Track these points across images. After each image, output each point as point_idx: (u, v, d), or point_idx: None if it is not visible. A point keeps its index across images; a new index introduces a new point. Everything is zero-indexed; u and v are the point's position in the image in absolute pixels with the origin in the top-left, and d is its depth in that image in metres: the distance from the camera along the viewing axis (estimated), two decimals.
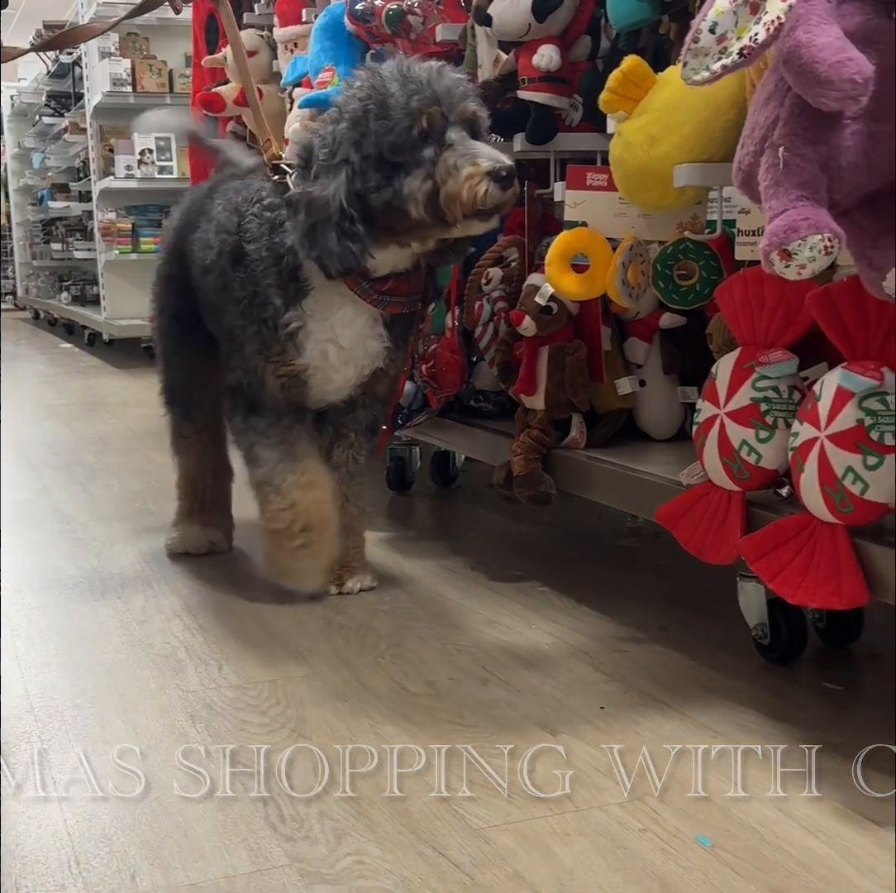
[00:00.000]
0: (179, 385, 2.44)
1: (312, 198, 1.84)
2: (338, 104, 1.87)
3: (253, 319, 1.99)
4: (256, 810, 1.36)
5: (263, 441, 2.05)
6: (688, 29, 1.32)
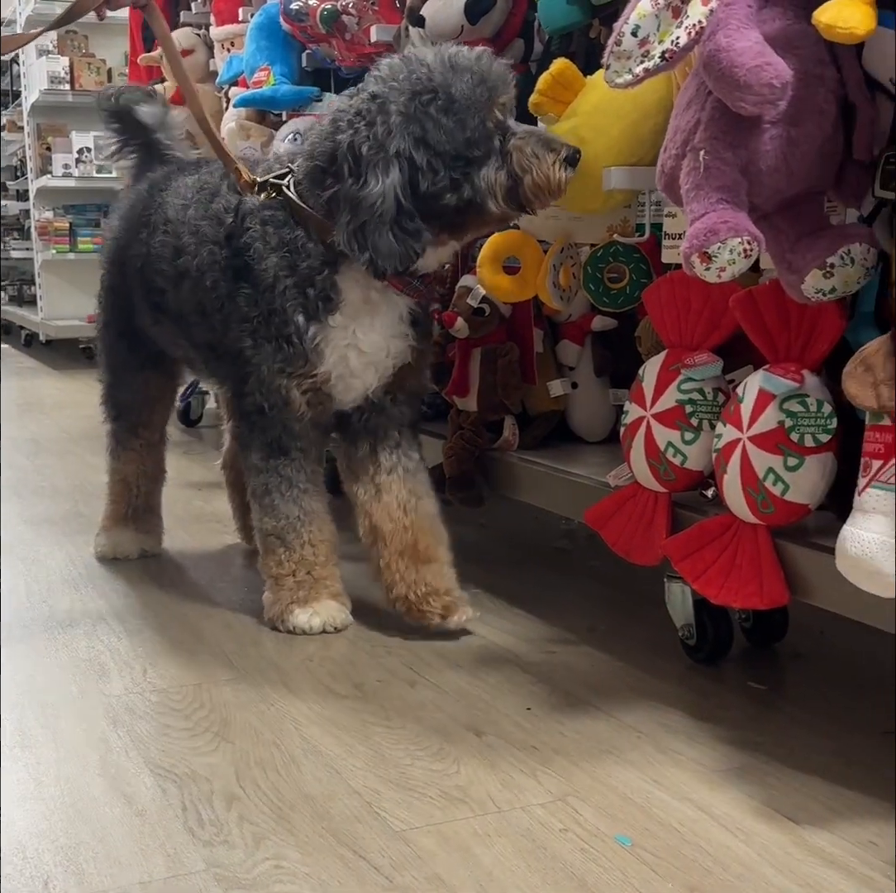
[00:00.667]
0: (127, 402, 2.36)
1: (361, 196, 1.70)
2: (377, 94, 1.72)
3: (269, 337, 1.85)
4: (175, 815, 1.34)
5: (284, 491, 1.92)
6: None
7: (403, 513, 1.94)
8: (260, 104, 2.94)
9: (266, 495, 1.93)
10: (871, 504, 1.19)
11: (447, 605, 1.91)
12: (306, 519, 1.93)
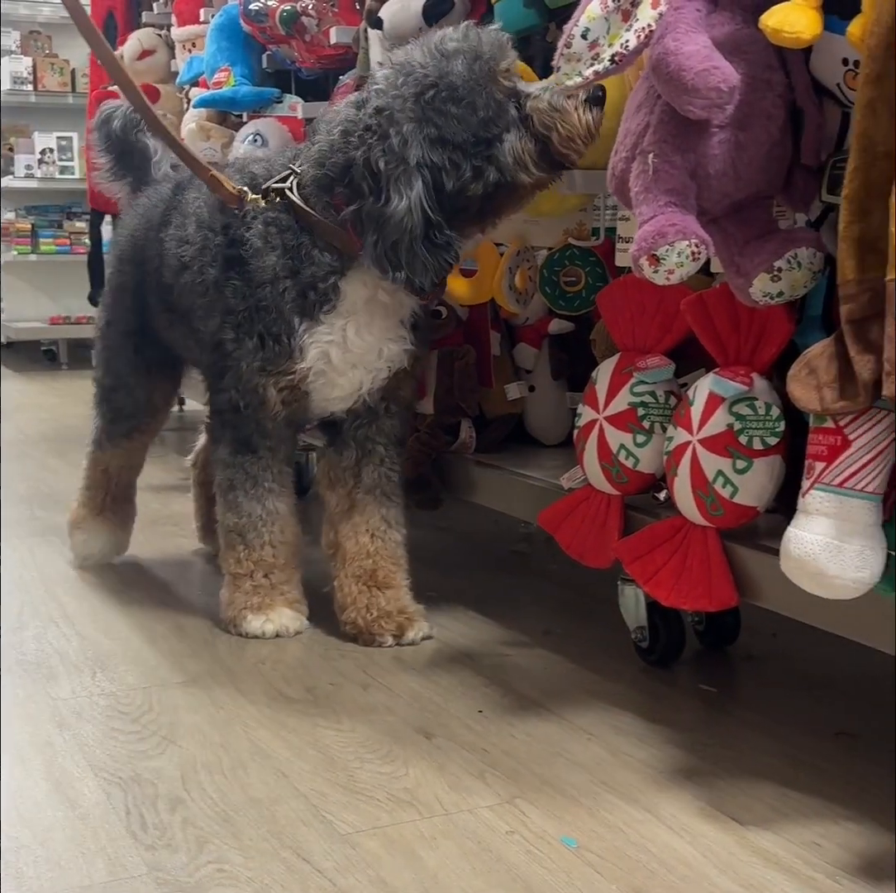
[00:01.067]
0: (128, 409, 2.28)
1: (387, 214, 1.64)
2: (382, 107, 1.67)
3: (252, 333, 1.81)
4: (118, 819, 1.32)
5: (248, 489, 1.89)
6: None
7: (370, 539, 1.92)
8: (220, 105, 2.92)
9: (231, 490, 1.91)
10: (814, 506, 1.19)
11: (400, 624, 1.90)
12: (269, 519, 1.90)
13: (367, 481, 1.93)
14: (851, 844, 1.26)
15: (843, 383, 1.16)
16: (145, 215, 2.18)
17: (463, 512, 2.66)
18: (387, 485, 1.94)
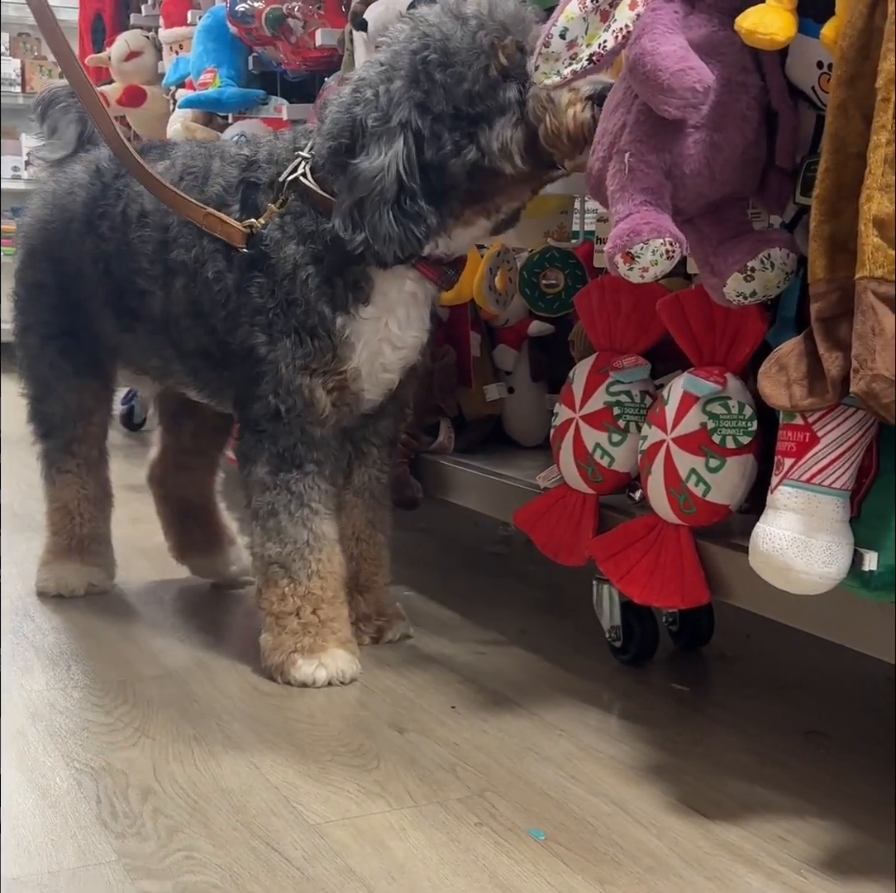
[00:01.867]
0: (59, 417, 2.09)
1: (359, 171, 1.54)
2: (384, 62, 1.58)
3: (288, 331, 1.66)
4: (89, 807, 1.33)
5: (293, 511, 1.70)
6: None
7: (355, 543, 1.87)
8: (205, 106, 2.94)
9: (272, 516, 1.70)
10: (782, 501, 1.21)
11: (379, 627, 1.89)
12: (316, 545, 1.71)
13: (356, 482, 1.87)
14: (817, 839, 1.27)
15: (812, 381, 1.17)
16: (58, 205, 2.00)
17: (442, 514, 2.66)
18: (376, 487, 1.88)
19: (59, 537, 2.15)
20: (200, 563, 2.22)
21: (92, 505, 2.15)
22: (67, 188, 2.00)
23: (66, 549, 2.14)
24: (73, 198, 1.97)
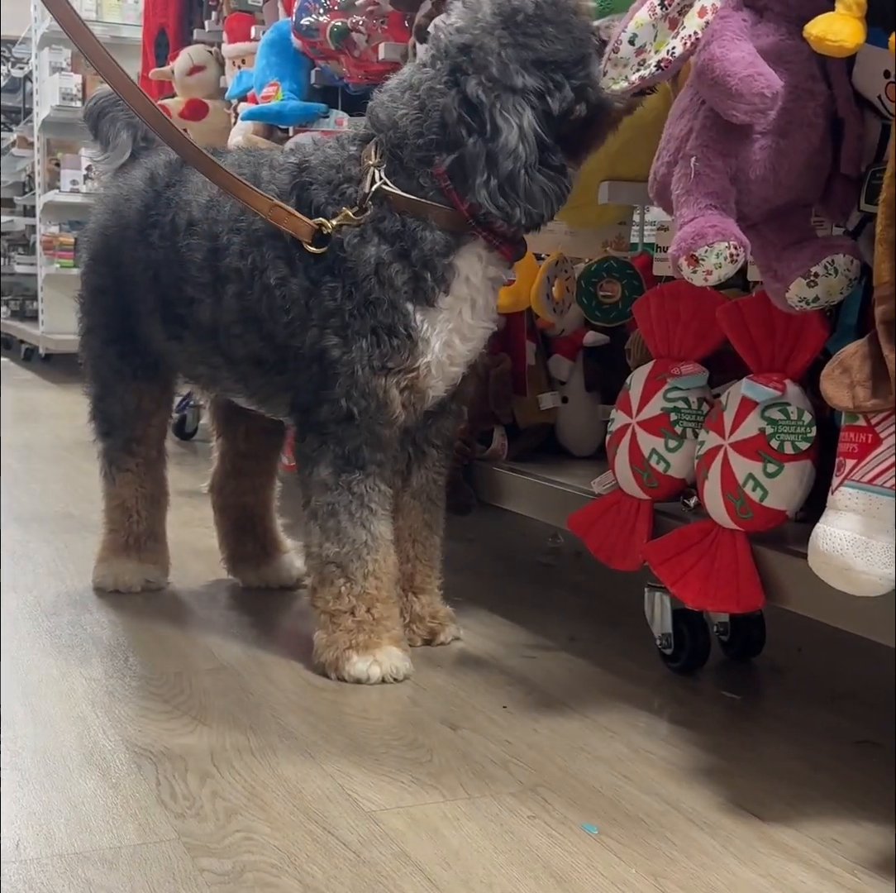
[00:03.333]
0: (119, 416, 2.13)
1: (498, 146, 1.56)
2: (467, 44, 1.60)
3: (364, 332, 1.66)
4: (149, 789, 1.35)
5: (353, 511, 1.72)
6: None
7: (411, 544, 1.89)
8: (268, 118, 2.99)
9: (331, 516, 1.72)
10: (843, 502, 1.21)
11: (432, 629, 1.91)
12: (373, 545, 1.73)
13: (415, 484, 1.88)
14: (870, 842, 1.27)
15: (876, 382, 1.18)
16: (117, 211, 2.04)
17: (490, 524, 2.69)
18: (433, 489, 1.90)
19: (116, 535, 2.19)
20: (250, 575, 2.24)
21: (149, 504, 2.19)
22: (126, 194, 2.04)
23: (124, 546, 2.18)
24: (130, 204, 2.01)
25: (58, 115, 6.53)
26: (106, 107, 2.15)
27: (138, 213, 1.98)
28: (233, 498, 2.25)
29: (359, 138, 1.75)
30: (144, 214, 1.97)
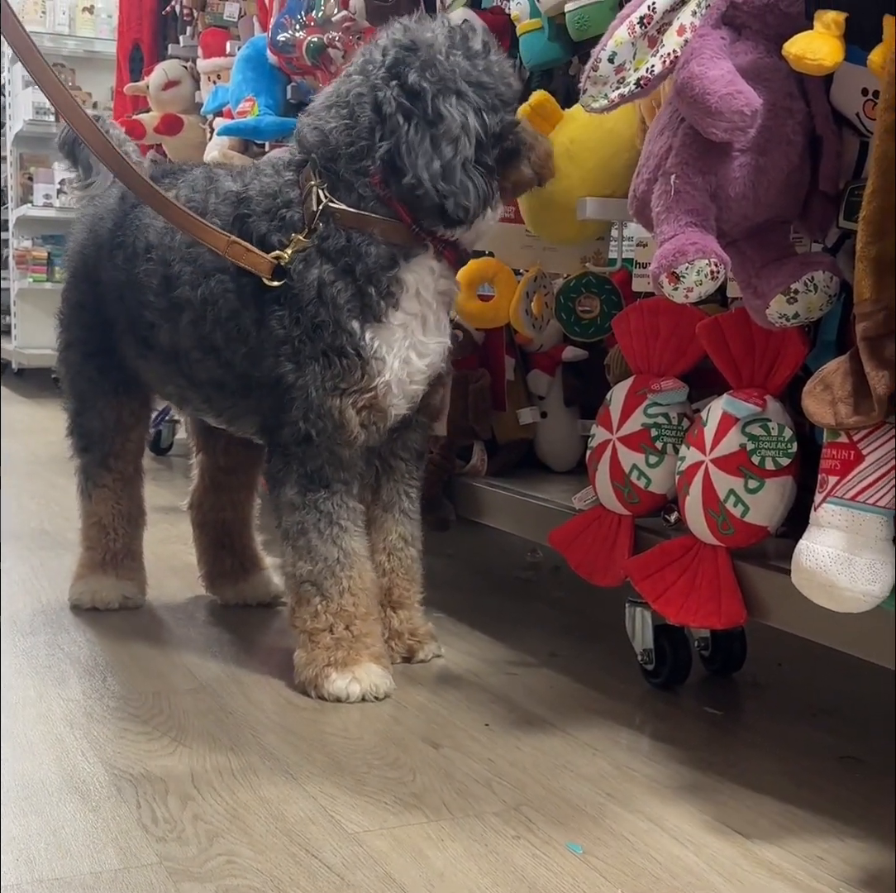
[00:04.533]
0: (97, 431, 2.12)
1: (440, 131, 1.59)
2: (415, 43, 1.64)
3: (315, 355, 1.67)
4: (129, 812, 1.33)
5: (322, 529, 1.72)
6: None
7: (387, 558, 1.89)
8: (243, 133, 2.98)
9: (301, 535, 1.73)
10: (826, 519, 1.22)
11: (410, 647, 1.90)
12: (346, 562, 1.73)
13: (385, 498, 1.88)
14: (854, 859, 1.27)
15: (858, 399, 1.19)
16: (93, 229, 2.06)
17: (470, 540, 2.68)
18: (405, 502, 1.89)
19: (93, 552, 2.18)
20: (228, 592, 2.23)
21: (126, 521, 2.18)
22: (101, 213, 2.06)
23: (101, 563, 2.17)
24: (103, 223, 2.03)
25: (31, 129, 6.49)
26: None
27: (109, 232, 2.00)
28: (212, 514, 2.24)
29: (293, 163, 1.77)
30: (114, 233, 1.99)
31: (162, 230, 1.87)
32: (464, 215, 1.64)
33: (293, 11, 2.68)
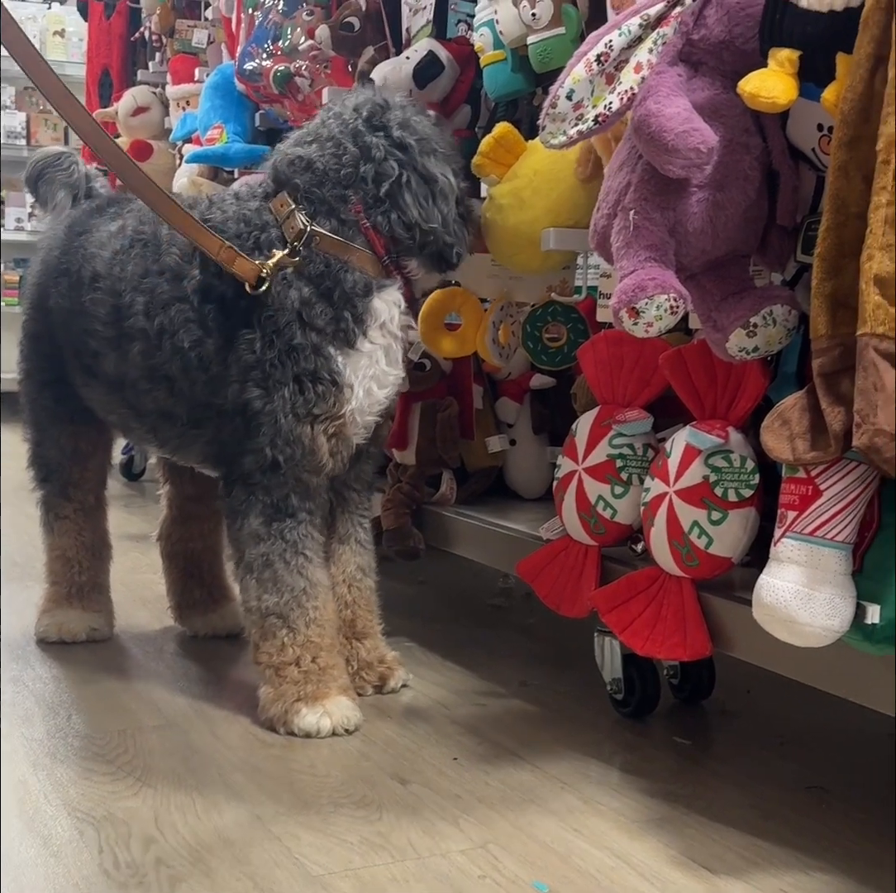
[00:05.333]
0: (55, 461, 2.12)
1: (437, 188, 1.75)
2: (378, 102, 1.78)
3: (285, 380, 1.68)
4: (91, 857, 1.32)
5: (288, 559, 1.71)
6: None
7: (347, 589, 1.88)
8: (212, 161, 2.99)
9: (267, 567, 1.71)
10: (785, 554, 1.22)
11: (382, 674, 1.90)
12: (312, 593, 1.72)
13: (341, 530, 1.88)
14: None
15: (815, 435, 1.19)
16: (45, 260, 2.05)
17: (440, 566, 2.67)
18: (360, 532, 1.90)
19: (58, 587, 2.16)
20: (197, 623, 2.21)
21: (90, 553, 2.16)
22: (52, 244, 2.05)
23: (66, 596, 2.15)
24: (52, 253, 2.03)
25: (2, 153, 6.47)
26: (43, 169, 2.15)
27: (57, 260, 2.00)
28: (180, 545, 2.23)
29: (259, 195, 1.79)
30: (59, 261, 1.99)
31: (110, 260, 1.87)
32: (458, 261, 1.80)
33: (260, 40, 2.69)
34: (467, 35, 2.22)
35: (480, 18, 2.03)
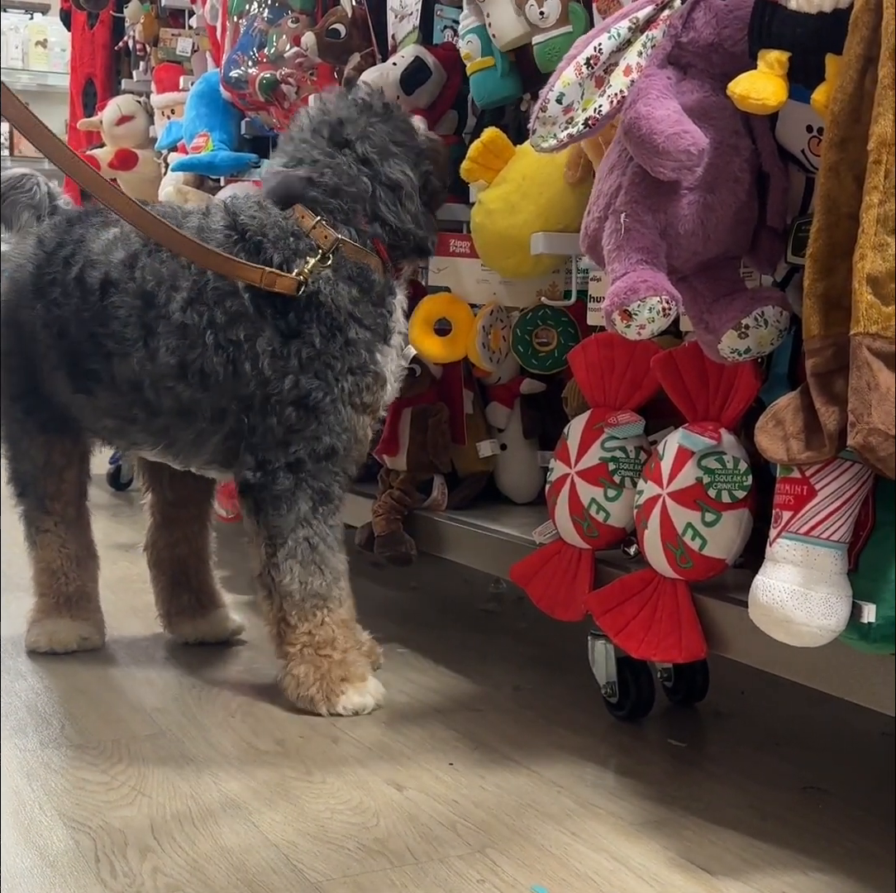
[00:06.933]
0: (29, 474, 2.10)
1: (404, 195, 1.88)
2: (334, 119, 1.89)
3: (342, 372, 1.80)
4: (88, 866, 1.31)
5: (331, 543, 1.82)
6: None
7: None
8: (198, 169, 2.98)
9: (313, 550, 1.81)
10: (781, 554, 1.22)
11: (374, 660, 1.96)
12: (346, 573, 1.86)
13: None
14: None
15: (809, 435, 1.19)
16: (13, 278, 2.03)
17: (433, 572, 2.67)
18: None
19: (46, 598, 2.14)
20: (187, 630, 2.21)
21: (75, 564, 2.15)
22: (18, 262, 2.03)
23: (55, 606, 2.14)
24: (23, 269, 2.02)
25: None
26: (6, 192, 2.13)
27: (31, 275, 1.99)
28: (166, 552, 2.22)
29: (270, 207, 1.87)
30: (38, 274, 1.98)
31: (125, 263, 1.88)
32: (433, 247, 1.94)
33: (245, 48, 2.69)
34: (453, 41, 2.22)
35: (466, 26, 2.02)
